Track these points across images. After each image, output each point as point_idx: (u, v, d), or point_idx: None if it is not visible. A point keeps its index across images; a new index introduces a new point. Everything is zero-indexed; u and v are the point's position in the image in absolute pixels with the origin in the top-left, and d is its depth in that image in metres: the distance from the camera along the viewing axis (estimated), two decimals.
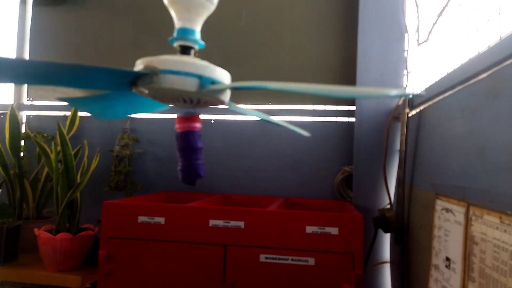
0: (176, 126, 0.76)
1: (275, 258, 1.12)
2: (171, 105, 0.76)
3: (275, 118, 0.91)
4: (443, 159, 0.88)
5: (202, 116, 1.93)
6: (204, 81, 0.64)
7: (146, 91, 0.66)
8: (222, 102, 0.72)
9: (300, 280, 1.11)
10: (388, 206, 1.31)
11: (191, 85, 0.63)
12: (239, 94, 1.73)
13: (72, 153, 1.44)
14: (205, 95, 0.66)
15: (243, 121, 1.72)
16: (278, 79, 1.71)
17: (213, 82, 0.65)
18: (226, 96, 0.72)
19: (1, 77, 0.58)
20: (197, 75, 0.64)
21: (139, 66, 0.65)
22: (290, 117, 1.69)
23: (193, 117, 0.75)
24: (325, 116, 1.67)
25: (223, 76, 0.68)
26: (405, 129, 1.19)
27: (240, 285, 1.13)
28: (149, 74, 0.62)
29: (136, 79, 0.65)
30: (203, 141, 1.87)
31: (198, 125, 0.76)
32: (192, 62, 0.64)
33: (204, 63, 0.66)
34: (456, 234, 0.75)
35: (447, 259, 0.79)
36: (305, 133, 1.00)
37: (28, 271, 1.35)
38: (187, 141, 0.75)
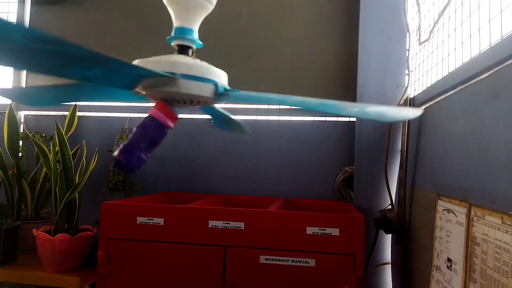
0: (152, 109, 0.68)
1: (275, 260, 1.12)
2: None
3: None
4: (445, 159, 0.87)
5: (202, 116, 1.91)
6: (219, 88, 0.65)
7: (143, 92, 0.65)
8: (207, 102, 0.71)
9: (301, 282, 1.10)
10: (389, 207, 1.30)
11: (208, 91, 0.64)
12: None
13: (71, 153, 1.44)
14: (212, 100, 0.66)
15: (243, 120, 1.71)
16: (278, 79, 1.70)
17: (225, 88, 0.66)
18: (207, 94, 0.70)
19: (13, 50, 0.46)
20: (214, 81, 0.65)
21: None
22: (290, 117, 1.69)
23: (169, 111, 0.67)
24: (326, 116, 1.66)
25: (222, 78, 0.68)
26: (406, 129, 1.19)
27: (240, 286, 1.12)
28: (165, 77, 0.61)
29: (141, 78, 0.63)
30: (203, 140, 1.86)
31: (168, 121, 0.68)
32: (208, 67, 0.65)
33: (214, 68, 0.66)
34: (457, 235, 0.75)
35: (449, 260, 0.78)
36: (248, 130, 0.98)
37: (26, 272, 1.34)
38: (147, 125, 0.66)
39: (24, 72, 1.92)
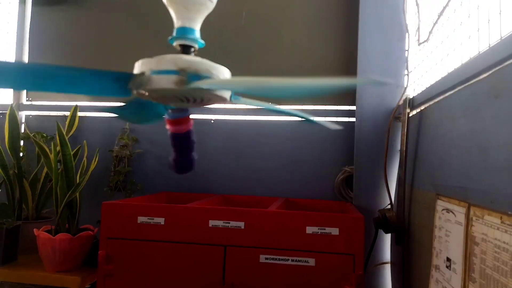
0: (168, 127, 0.81)
1: (275, 259, 1.12)
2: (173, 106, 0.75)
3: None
4: (444, 159, 0.88)
5: (202, 116, 1.91)
6: (191, 78, 0.61)
7: (146, 93, 0.66)
8: (223, 99, 0.70)
9: (301, 281, 1.10)
10: (389, 207, 1.30)
11: (174, 82, 0.61)
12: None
13: (72, 153, 1.44)
14: (196, 92, 0.64)
15: (243, 121, 1.72)
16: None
17: (201, 78, 0.62)
18: (225, 92, 0.69)
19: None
20: (179, 72, 0.61)
21: (137, 67, 0.65)
22: (290, 117, 1.69)
23: (181, 120, 0.80)
24: (325, 116, 1.67)
25: (217, 72, 0.65)
26: (405, 129, 1.19)
27: (240, 286, 1.13)
28: (138, 77, 0.62)
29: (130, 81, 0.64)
30: (204, 141, 1.87)
31: (187, 125, 0.81)
32: (175, 59, 0.62)
33: (193, 58, 0.63)
34: (456, 235, 0.75)
35: (448, 259, 0.79)
36: (333, 126, 0.97)
37: (27, 272, 1.34)
38: (179, 140, 0.83)
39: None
